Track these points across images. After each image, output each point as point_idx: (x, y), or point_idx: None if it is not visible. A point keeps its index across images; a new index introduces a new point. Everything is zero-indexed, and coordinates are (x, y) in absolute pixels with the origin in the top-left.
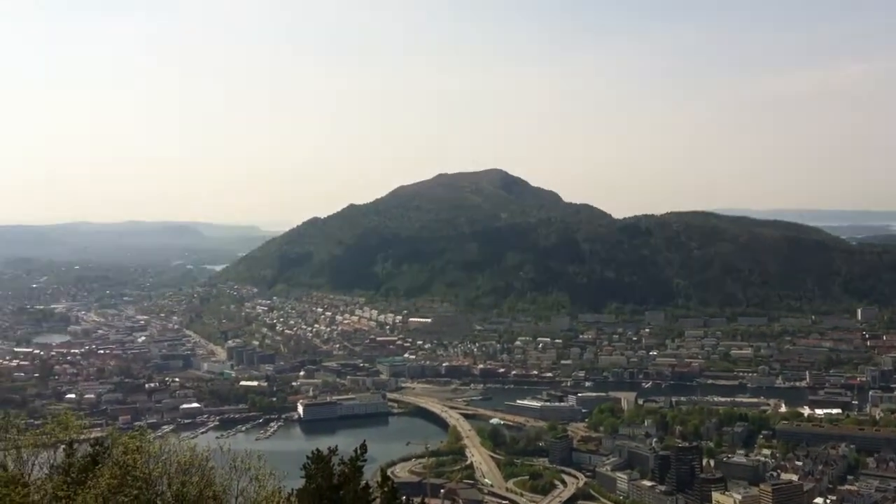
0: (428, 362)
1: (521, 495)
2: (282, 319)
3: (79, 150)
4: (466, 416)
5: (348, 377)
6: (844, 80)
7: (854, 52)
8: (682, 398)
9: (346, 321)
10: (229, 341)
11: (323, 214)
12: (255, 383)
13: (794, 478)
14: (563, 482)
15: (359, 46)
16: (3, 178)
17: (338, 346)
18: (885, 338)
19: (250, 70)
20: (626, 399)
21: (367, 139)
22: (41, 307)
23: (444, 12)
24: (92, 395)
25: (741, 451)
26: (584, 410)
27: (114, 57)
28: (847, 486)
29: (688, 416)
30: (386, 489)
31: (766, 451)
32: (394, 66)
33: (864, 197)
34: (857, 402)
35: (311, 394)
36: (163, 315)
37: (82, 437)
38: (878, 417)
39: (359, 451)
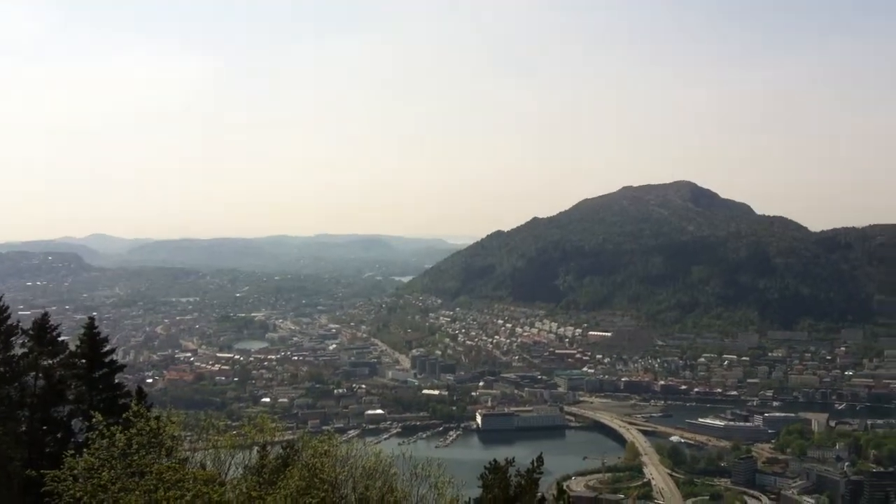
0: (607, 376)
1: None
2: (463, 330)
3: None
4: (645, 433)
5: (526, 389)
6: None
7: None
8: (879, 421)
9: (525, 333)
10: (413, 350)
11: (506, 228)
12: (436, 392)
13: None
14: None
15: (540, 57)
16: (219, 197)
17: (517, 357)
18: None
19: (431, 86)
20: (817, 420)
21: (552, 153)
22: (243, 315)
23: (631, 19)
24: (285, 400)
25: None
26: (770, 431)
27: (315, 76)
28: None
29: (884, 439)
30: (562, 502)
31: None
32: (579, 78)
33: None
34: None
35: (489, 404)
36: (353, 324)
37: (275, 439)
38: None
39: (535, 464)
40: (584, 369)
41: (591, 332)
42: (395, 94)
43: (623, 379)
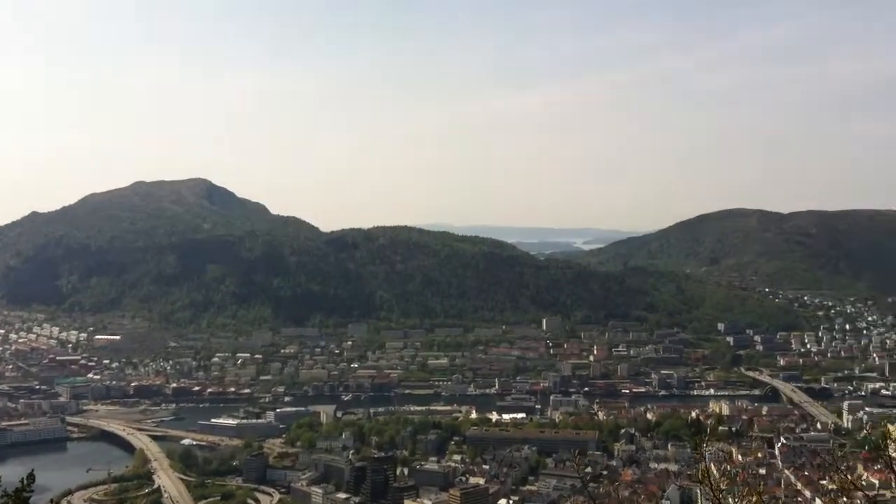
0: (115, 382)
1: None
2: None
3: None
4: (156, 438)
5: (22, 401)
6: (527, 106)
7: (535, 82)
8: (381, 409)
9: (22, 340)
10: None
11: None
12: None
13: (481, 481)
14: (257, 500)
15: (42, 35)
16: None
17: (11, 367)
18: (565, 346)
19: None
20: (325, 412)
21: (54, 141)
22: None
23: (148, 7)
24: None
25: (433, 458)
26: (282, 426)
27: None
28: (528, 487)
29: (384, 426)
30: None
31: (457, 457)
32: (86, 60)
33: (551, 215)
34: (539, 407)
35: None
36: None
37: None
38: (557, 420)
39: (26, 481)
40: (90, 376)
41: (98, 336)
42: None
43: (133, 384)
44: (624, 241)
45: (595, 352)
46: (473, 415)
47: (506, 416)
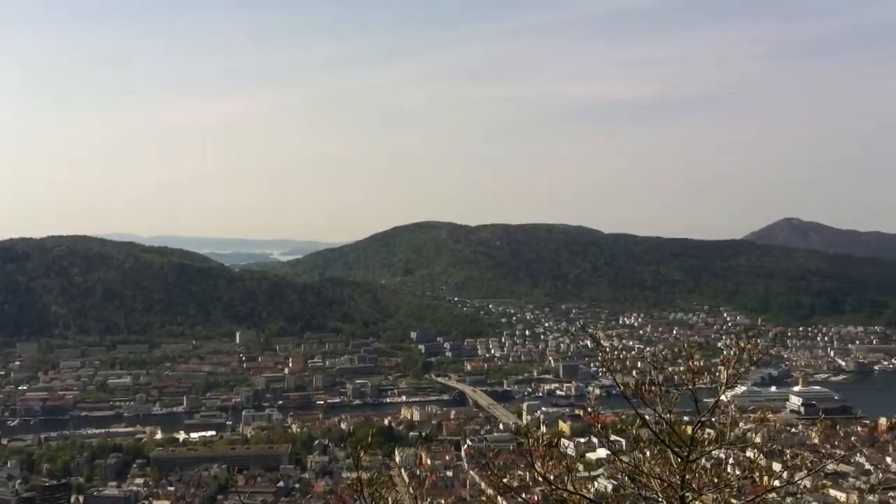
0: None
1: None
2: None
3: None
4: None
5: None
6: (215, 116)
7: (224, 92)
8: (54, 434)
9: None
10: None
11: None
12: None
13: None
14: None
15: None
16: None
17: None
18: (260, 359)
19: None
20: None
21: None
22: None
23: None
24: None
25: (113, 483)
26: None
27: None
28: None
29: (58, 452)
30: None
31: (139, 481)
32: None
33: (248, 226)
34: (231, 423)
35: None
36: None
37: None
38: (249, 436)
39: None
40: None
41: None
42: None
43: None
44: (321, 253)
45: (290, 364)
46: (159, 435)
47: (194, 435)
